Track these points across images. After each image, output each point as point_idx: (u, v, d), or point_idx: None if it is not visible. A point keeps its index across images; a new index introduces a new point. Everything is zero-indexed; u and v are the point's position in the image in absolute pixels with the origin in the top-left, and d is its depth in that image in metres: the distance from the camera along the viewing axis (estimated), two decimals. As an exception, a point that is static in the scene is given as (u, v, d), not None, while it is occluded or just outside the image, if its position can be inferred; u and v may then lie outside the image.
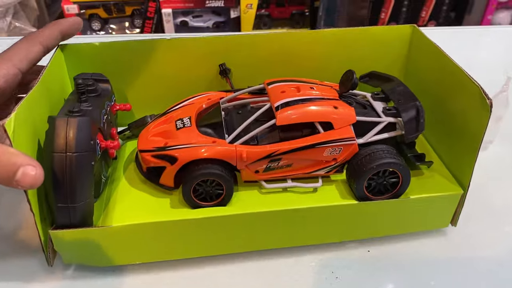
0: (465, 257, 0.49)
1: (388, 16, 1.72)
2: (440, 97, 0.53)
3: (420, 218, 0.50)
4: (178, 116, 0.52)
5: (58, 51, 0.53)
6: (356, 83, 0.49)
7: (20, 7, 1.50)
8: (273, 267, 0.47)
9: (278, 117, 0.47)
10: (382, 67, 0.58)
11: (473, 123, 0.46)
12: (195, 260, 0.48)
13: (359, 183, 0.47)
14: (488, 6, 1.72)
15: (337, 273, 0.47)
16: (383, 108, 0.51)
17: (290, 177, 0.49)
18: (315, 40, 0.59)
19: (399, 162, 0.46)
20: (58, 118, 0.41)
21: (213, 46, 0.57)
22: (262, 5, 1.63)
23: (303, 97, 0.48)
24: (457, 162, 0.51)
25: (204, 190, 0.46)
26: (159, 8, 1.59)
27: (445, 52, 0.51)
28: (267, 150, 0.47)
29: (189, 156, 0.46)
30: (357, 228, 0.49)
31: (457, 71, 0.48)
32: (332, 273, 0.47)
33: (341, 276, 0.46)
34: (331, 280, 0.46)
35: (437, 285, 0.46)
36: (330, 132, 0.47)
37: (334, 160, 0.48)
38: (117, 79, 0.56)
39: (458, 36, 0.57)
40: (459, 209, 0.50)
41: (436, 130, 0.55)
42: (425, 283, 0.46)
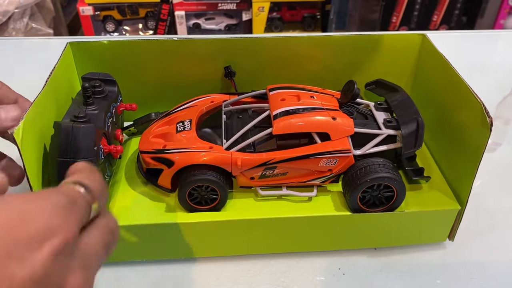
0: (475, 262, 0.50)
1: (400, 20, 1.70)
2: (445, 109, 0.52)
3: (416, 232, 0.50)
4: (180, 118, 0.53)
5: (67, 48, 0.54)
6: (357, 94, 0.49)
7: (37, 9, 1.54)
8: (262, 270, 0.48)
9: (274, 126, 0.47)
10: (389, 74, 0.57)
11: (474, 138, 0.46)
12: (187, 260, 0.49)
13: (353, 195, 0.47)
14: (501, 11, 1.68)
15: (335, 278, 0.47)
16: (384, 119, 0.50)
17: (285, 185, 0.50)
18: (323, 45, 0.58)
19: (394, 177, 0.46)
20: (64, 125, 0.42)
21: (219, 48, 0.57)
22: (274, 8, 1.64)
23: (302, 106, 0.48)
24: (456, 176, 0.50)
25: (199, 195, 0.48)
26: (172, 10, 1.61)
27: (452, 65, 0.50)
28: (262, 158, 0.47)
29: (186, 161, 0.47)
30: (351, 239, 0.50)
31: (462, 85, 0.47)
32: (333, 275, 0.47)
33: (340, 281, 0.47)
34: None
35: None
36: (327, 143, 0.47)
37: (329, 171, 0.49)
38: (124, 76, 0.57)
39: (470, 40, 0.55)
40: (456, 224, 0.49)
41: (439, 142, 0.54)
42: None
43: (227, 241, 0.48)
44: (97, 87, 0.50)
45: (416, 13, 1.70)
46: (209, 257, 0.49)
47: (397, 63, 0.59)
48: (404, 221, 0.49)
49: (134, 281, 0.47)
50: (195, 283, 0.47)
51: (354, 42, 0.58)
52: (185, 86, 0.59)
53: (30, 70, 0.80)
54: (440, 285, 0.48)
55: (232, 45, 0.57)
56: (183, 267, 0.49)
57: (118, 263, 0.48)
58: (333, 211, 0.48)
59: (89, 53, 0.56)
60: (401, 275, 0.48)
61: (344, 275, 0.48)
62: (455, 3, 1.69)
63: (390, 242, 0.51)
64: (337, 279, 0.48)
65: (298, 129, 0.47)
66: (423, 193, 0.51)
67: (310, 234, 0.48)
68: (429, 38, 0.56)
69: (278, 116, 0.48)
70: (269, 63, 0.59)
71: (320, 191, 0.50)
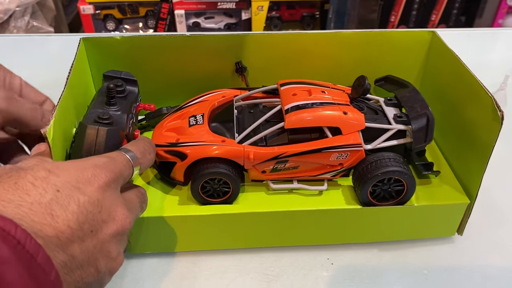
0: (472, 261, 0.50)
1: (398, 19, 1.71)
2: (454, 105, 0.53)
3: (425, 226, 0.51)
4: (192, 112, 0.53)
5: (81, 43, 0.55)
6: (368, 89, 0.50)
7: (38, 7, 1.55)
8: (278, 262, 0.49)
9: (286, 120, 0.47)
10: (399, 71, 0.58)
11: (484, 133, 0.46)
12: (200, 252, 0.50)
13: (364, 189, 0.47)
14: (499, 10, 1.70)
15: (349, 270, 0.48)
16: (394, 114, 0.51)
17: (296, 179, 0.50)
18: (333, 41, 0.59)
19: (404, 171, 0.46)
20: (89, 126, 0.43)
21: (230, 44, 0.58)
22: (273, 7, 1.65)
23: (313, 101, 0.49)
24: (466, 170, 0.50)
25: (211, 188, 0.48)
26: (172, 9, 1.63)
27: (463, 62, 0.50)
28: (274, 152, 0.48)
29: (199, 154, 0.48)
30: (360, 232, 0.50)
31: (473, 81, 0.48)
32: (342, 268, 0.48)
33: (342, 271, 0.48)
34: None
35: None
36: (338, 137, 0.48)
37: (340, 165, 0.49)
38: (136, 72, 0.58)
39: (468, 38, 0.56)
40: (465, 218, 0.50)
41: (448, 137, 0.55)
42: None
43: (239, 233, 0.49)
44: (119, 86, 0.51)
45: (415, 13, 1.71)
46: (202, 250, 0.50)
47: (407, 59, 0.60)
48: (414, 215, 0.49)
49: (129, 270, 0.48)
50: (187, 273, 0.48)
51: (364, 39, 0.59)
52: (197, 81, 0.59)
53: (32, 67, 0.81)
54: (448, 279, 0.48)
55: (243, 41, 0.58)
56: (178, 258, 0.49)
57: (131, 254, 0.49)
58: (343, 204, 0.49)
59: (102, 48, 0.57)
60: (409, 269, 0.49)
61: (352, 268, 0.49)
62: (453, 3, 1.70)
63: (400, 236, 0.51)
64: (347, 272, 0.48)
65: (310, 124, 0.48)
66: (433, 187, 0.51)
67: (320, 227, 0.49)
68: (439, 36, 0.56)
69: (290, 110, 0.48)
70: (279, 59, 0.59)
71: (331, 185, 0.51)
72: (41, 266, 0.27)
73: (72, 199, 0.31)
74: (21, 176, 0.31)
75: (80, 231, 0.31)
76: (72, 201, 0.31)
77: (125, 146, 0.41)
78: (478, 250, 0.51)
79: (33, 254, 0.27)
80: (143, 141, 0.44)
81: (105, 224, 0.33)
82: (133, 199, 0.40)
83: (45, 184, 0.31)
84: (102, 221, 0.33)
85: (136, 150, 0.41)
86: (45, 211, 0.29)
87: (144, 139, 0.45)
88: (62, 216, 0.30)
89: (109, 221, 0.34)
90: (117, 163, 0.37)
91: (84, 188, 0.32)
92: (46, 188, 0.31)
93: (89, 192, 0.33)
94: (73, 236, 0.30)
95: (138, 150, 0.41)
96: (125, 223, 0.35)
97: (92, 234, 0.32)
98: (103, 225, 0.33)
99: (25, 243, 0.27)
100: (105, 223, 0.33)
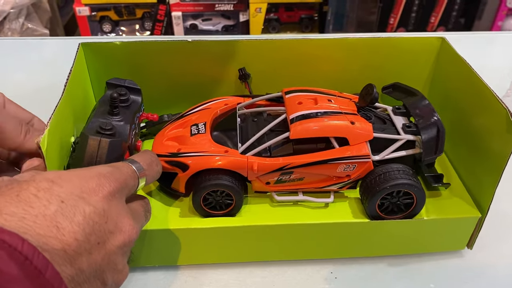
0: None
1: (397, 22, 1.70)
2: (465, 114, 0.51)
3: (435, 240, 0.49)
4: (193, 121, 0.52)
5: (80, 48, 0.53)
6: (376, 98, 0.48)
7: (33, 9, 1.53)
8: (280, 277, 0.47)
9: (292, 130, 0.46)
10: (406, 77, 0.56)
11: (497, 145, 0.44)
12: (201, 265, 0.48)
13: (372, 202, 0.46)
14: (499, 12, 1.69)
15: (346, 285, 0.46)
16: (403, 124, 0.49)
17: (301, 191, 0.49)
18: (339, 47, 0.57)
19: (414, 184, 0.45)
20: (91, 137, 0.42)
21: (233, 50, 0.56)
22: (271, 9, 1.63)
23: (319, 110, 0.47)
24: (477, 183, 0.49)
25: (214, 200, 0.47)
26: (169, 11, 1.61)
27: (475, 70, 0.49)
28: (279, 163, 0.46)
29: (201, 165, 0.46)
30: (368, 246, 0.49)
31: (486, 91, 0.46)
32: (351, 282, 0.46)
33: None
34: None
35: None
36: (345, 148, 0.46)
37: (347, 177, 0.47)
38: (137, 77, 0.56)
39: (468, 41, 0.55)
40: (476, 232, 0.48)
41: (459, 148, 0.53)
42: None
43: (242, 247, 0.47)
44: (123, 96, 0.49)
45: (414, 15, 1.70)
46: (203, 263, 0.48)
47: (415, 66, 0.58)
48: (423, 228, 0.48)
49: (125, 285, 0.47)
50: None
51: (371, 44, 0.57)
52: (198, 88, 0.58)
53: (27, 70, 0.79)
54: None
55: (246, 47, 0.56)
56: (198, 272, 0.48)
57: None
58: (350, 217, 0.47)
59: (101, 54, 0.55)
60: (417, 283, 0.47)
61: (363, 281, 0.47)
62: (453, 5, 1.70)
63: (408, 250, 0.49)
64: (351, 287, 0.47)
65: (316, 134, 0.46)
66: (443, 200, 0.50)
67: (326, 241, 0.47)
68: (449, 42, 0.55)
69: (295, 120, 0.46)
70: (283, 65, 0.58)
71: (337, 197, 0.49)
72: (49, 282, 0.27)
73: (77, 210, 0.30)
74: (23, 188, 0.30)
75: (87, 243, 0.30)
76: (78, 212, 0.30)
77: (131, 157, 0.40)
78: (487, 265, 0.50)
79: (41, 270, 0.26)
80: (150, 152, 0.43)
81: (112, 235, 0.32)
82: (137, 209, 0.39)
83: (48, 195, 0.30)
84: (109, 232, 0.32)
85: (142, 161, 0.40)
86: (50, 223, 0.28)
87: (150, 151, 0.43)
88: (68, 228, 0.29)
89: (116, 232, 0.33)
90: (122, 172, 0.36)
91: (89, 198, 0.32)
92: (50, 199, 0.30)
93: (94, 202, 0.32)
94: (80, 249, 0.29)
95: (144, 161, 0.40)
96: (132, 233, 0.34)
97: (100, 246, 0.31)
98: (110, 236, 0.32)
99: (33, 258, 0.26)
100: (112, 234, 0.32)
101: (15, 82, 0.76)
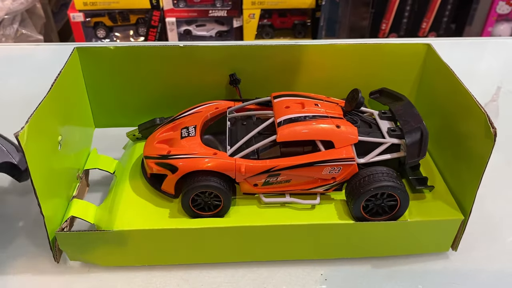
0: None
1: (389, 27, 1.72)
2: (448, 119, 0.52)
3: (419, 241, 0.50)
4: (184, 124, 0.53)
5: (74, 52, 0.54)
6: (361, 103, 0.49)
7: (27, 15, 1.53)
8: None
9: (279, 133, 0.47)
10: (394, 83, 0.57)
11: (478, 149, 0.46)
12: (189, 265, 0.49)
13: (357, 204, 0.47)
14: (489, 18, 1.71)
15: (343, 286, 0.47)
16: (388, 128, 0.50)
17: (288, 192, 0.50)
18: (328, 53, 0.58)
19: (397, 186, 0.46)
20: None
21: (225, 55, 0.57)
22: (264, 15, 1.65)
23: (306, 114, 0.49)
24: (460, 186, 0.50)
25: (202, 201, 0.48)
26: (163, 17, 1.62)
27: (457, 76, 0.50)
28: (266, 165, 0.47)
29: (190, 167, 0.47)
30: (353, 247, 0.50)
31: (467, 96, 0.47)
32: (335, 284, 0.47)
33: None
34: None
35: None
36: (331, 151, 0.48)
37: (333, 179, 0.49)
38: (130, 81, 0.58)
39: (458, 47, 0.56)
40: (459, 234, 0.49)
41: (443, 152, 0.54)
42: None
43: (230, 247, 0.48)
44: None
45: (405, 21, 1.73)
46: (192, 263, 0.49)
47: (402, 72, 0.59)
48: (407, 230, 0.49)
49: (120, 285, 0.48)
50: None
51: (359, 50, 0.58)
52: (190, 92, 0.59)
53: (20, 76, 0.80)
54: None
55: (237, 52, 0.58)
56: (186, 270, 0.49)
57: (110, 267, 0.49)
58: (336, 219, 0.48)
59: (95, 58, 0.56)
60: (403, 285, 0.48)
61: (346, 284, 0.48)
62: (444, 11, 1.72)
63: (393, 251, 0.50)
64: (346, 287, 0.48)
65: (302, 137, 0.47)
66: (427, 202, 0.51)
67: (313, 242, 0.48)
68: (434, 48, 0.56)
69: (283, 123, 0.48)
70: (274, 70, 0.59)
71: (324, 199, 0.50)
72: None
73: None
74: None
75: None
76: None
77: None
78: (473, 265, 0.51)
79: None
80: None
81: None
82: None
83: None
84: None
85: None
86: None
87: None
88: None
89: None
90: None
91: None
92: None
93: None
94: None
95: None
96: None
97: None
98: None
99: None
100: None
101: (9, 88, 0.77)
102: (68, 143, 0.50)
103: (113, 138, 0.61)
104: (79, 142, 0.55)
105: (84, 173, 0.55)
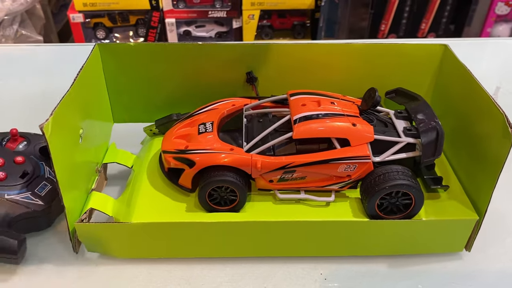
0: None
1: (388, 28, 1.72)
2: (465, 120, 0.52)
3: (433, 241, 0.50)
4: (201, 120, 0.54)
5: (95, 49, 0.56)
6: (378, 101, 0.50)
7: (27, 16, 1.54)
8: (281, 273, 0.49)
9: (295, 130, 0.48)
10: (410, 83, 0.57)
11: (494, 150, 0.46)
12: (204, 259, 0.50)
13: (371, 202, 0.47)
14: (488, 19, 1.70)
15: (343, 285, 0.48)
16: (404, 127, 0.51)
17: (303, 189, 0.50)
18: (344, 53, 0.59)
19: (412, 185, 0.46)
20: None
21: (242, 53, 0.58)
22: (264, 16, 1.65)
23: (323, 112, 0.49)
24: (476, 186, 0.50)
25: (219, 195, 0.48)
26: (162, 18, 1.63)
27: (475, 76, 0.50)
28: (282, 162, 0.48)
29: (207, 162, 0.48)
30: (367, 245, 0.50)
31: (485, 97, 0.47)
32: (348, 282, 0.48)
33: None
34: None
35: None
36: (346, 149, 0.48)
37: (348, 177, 0.49)
38: (148, 78, 0.59)
39: (457, 48, 0.57)
40: (473, 235, 0.49)
41: (458, 152, 0.54)
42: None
43: (245, 242, 0.49)
44: None
45: (405, 21, 1.73)
46: (196, 258, 0.50)
47: (418, 72, 0.59)
48: (421, 229, 0.49)
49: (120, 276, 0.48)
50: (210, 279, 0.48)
51: (376, 51, 0.59)
52: (207, 90, 0.60)
53: (20, 77, 0.80)
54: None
55: (254, 51, 0.59)
56: (200, 265, 0.49)
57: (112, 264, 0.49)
58: (350, 216, 0.49)
59: (115, 55, 0.57)
60: (416, 285, 0.48)
61: (360, 282, 0.48)
62: (443, 12, 1.71)
63: (407, 250, 0.51)
64: (353, 286, 0.48)
65: (318, 134, 0.48)
66: (441, 202, 0.51)
67: (327, 239, 0.49)
68: (451, 49, 0.56)
69: (299, 121, 0.48)
70: (290, 69, 0.60)
71: (338, 196, 0.51)
72: None
73: None
74: None
75: None
76: None
77: None
78: (486, 266, 0.50)
79: None
80: None
81: None
82: None
83: None
84: None
85: None
86: None
87: None
88: None
89: None
90: None
91: None
92: None
93: None
94: None
95: None
96: None
97: None
98: None
99: None
100: None
101: (9, 88, 0.77)
102: (88, 137, 0.51)
103: (131, 133, 0.62)
104: (98, 136, 0.56)
105: (102, 166, 0.57)
